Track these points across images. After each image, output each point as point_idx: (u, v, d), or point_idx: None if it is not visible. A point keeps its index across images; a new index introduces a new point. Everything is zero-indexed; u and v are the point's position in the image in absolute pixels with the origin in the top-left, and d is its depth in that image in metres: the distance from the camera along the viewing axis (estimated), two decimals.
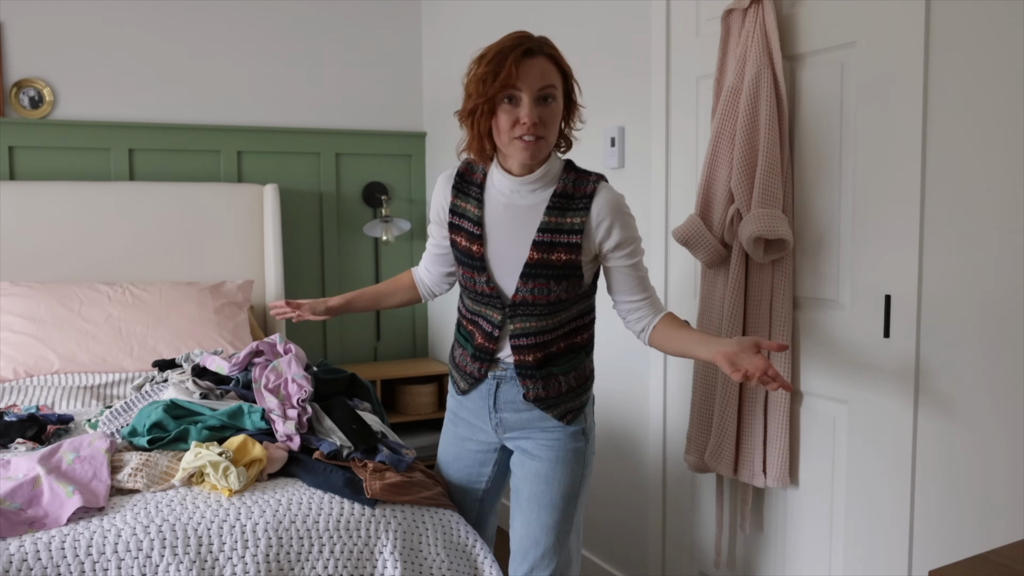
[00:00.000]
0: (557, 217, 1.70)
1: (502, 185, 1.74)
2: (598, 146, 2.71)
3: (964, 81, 1.64)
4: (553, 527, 1.78)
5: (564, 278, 1.71)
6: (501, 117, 1.62)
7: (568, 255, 1.69)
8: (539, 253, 1.70)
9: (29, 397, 2.54)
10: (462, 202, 1.79)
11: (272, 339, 2.35)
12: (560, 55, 1.67)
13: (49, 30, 3.28)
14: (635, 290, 1.77)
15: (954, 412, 1.70)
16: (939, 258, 1.71)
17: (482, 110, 1.62)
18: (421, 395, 3.70)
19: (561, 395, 1.79)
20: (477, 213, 1.76)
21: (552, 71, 1.62)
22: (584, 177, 1.73)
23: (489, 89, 1.59)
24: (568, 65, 1.69)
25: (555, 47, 1.66)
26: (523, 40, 1.61)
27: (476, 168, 1.79)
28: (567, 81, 1.69)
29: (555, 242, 1.69)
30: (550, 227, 1.70)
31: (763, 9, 1.94)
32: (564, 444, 1.79)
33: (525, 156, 1.64)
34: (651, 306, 1.78)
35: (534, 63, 1.59)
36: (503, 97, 1.61)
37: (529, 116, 1.59)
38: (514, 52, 1.58)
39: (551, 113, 1.63)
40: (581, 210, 1.69)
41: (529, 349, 1.75)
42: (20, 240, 3.11)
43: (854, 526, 1.93)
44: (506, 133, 1.63)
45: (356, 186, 3.86)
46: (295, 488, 1.81)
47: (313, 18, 3.72)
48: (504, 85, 1.58)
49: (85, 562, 1.56)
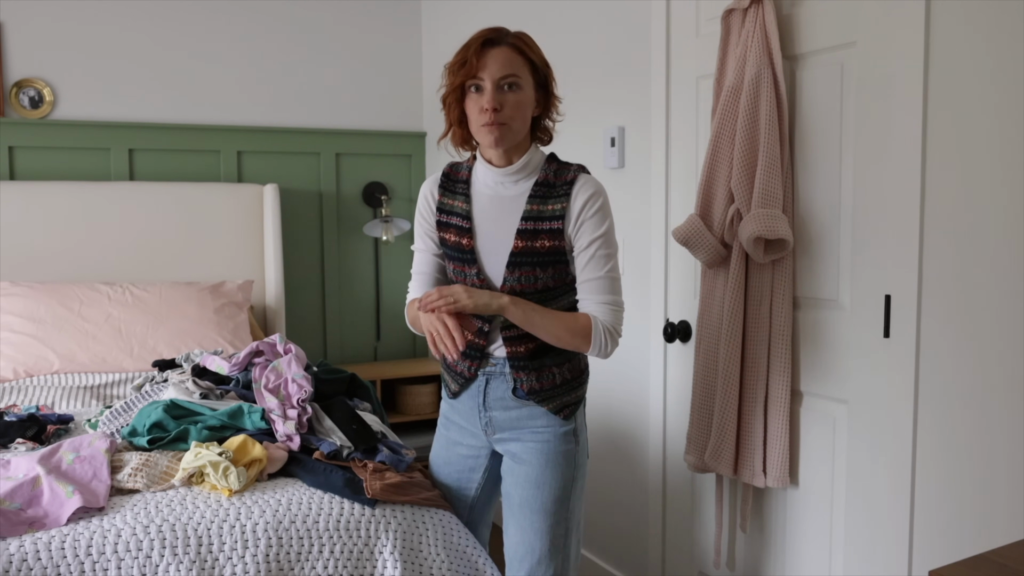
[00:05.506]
0: (539, 205, 1.73)
1: (486, 178, 1.78)
2: (598, 146, 2.71)
3: (964, 81, 1.64)
4: (547, 531, 1.78)
5: (550, 264, 1.73)
6: (469, 104, 1.70)
7: (551, 241, 1.72)
8: (523, 241, 1.72)
9: (29, 397, 2.54)
10: (449, 199, 1.82)
11: (272, 339, 2.35)
12: (528, 46, 1.70)
13: (49, 30, 3.28)
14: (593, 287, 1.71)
15: (954, 412, 1.70)
16: (939, 258, 1.71)
17: (452, 98, 1.71)
18: (421, 395, 3.70)
19: (556, 387, 1.79)
20: (465, 208, 1.79)
21: (516, 60, 1.68)
22: (565, 167, 1.77)
23: (455, 78, 1.69)
24: (542, 57, 1.72)
25: (524, 39, 1.71)
26: (489, 32, 1.69)
27: (461, 167, 1.84)
28: (538, 72, 1.72)
29: (538, 229, 1.72)
30: (532, 215, 1.72)
31: (763, 9, 1.94)
32: (554, 447, 1.79)
33: (491, 141, 1.69)
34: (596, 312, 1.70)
35: (496, 52, 1.67)
36: (470, 86, 1.69)
37: (489, 102, 1.65)
38: (475, 42, 1.67)
39: (515, 101, 1.68)
40: (562, 196, 1.72)
41: (521, 340, 1.76)
42: (20, 240, 3.11)
43: (854, 526, 1.93)
44: (475, 121, 1.70)
45: (356, 186, 3.86)
46: (295, 488, 1.81)
47: (313, 18, 3.72)
48: (467, 74, 1.67)
49: (85, 562, 1.56)
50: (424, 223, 1.87)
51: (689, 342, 2.38)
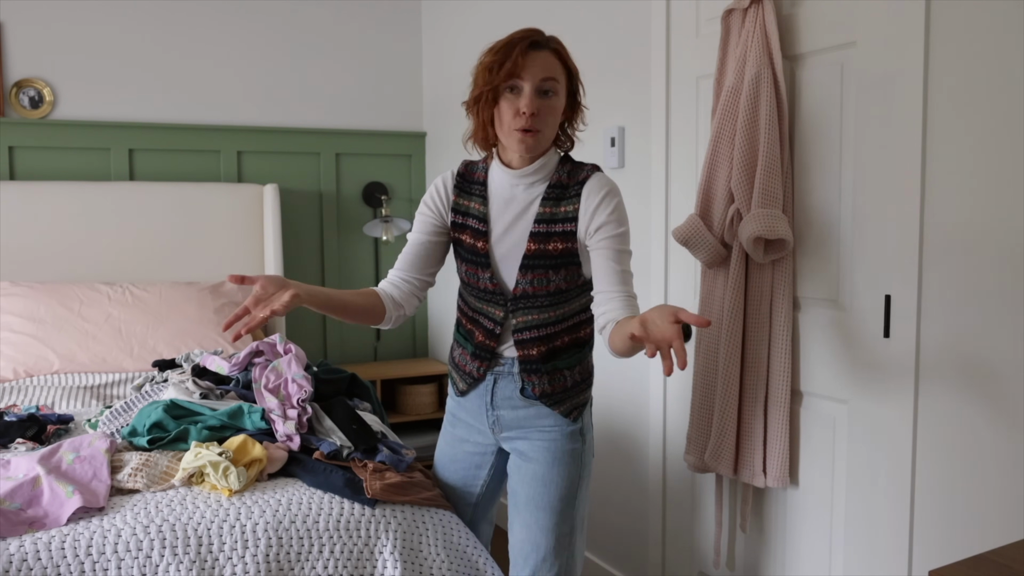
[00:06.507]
0: (552, 207, 1.71)
1: (502, 180, 1.76)
2: (598, 146, 2.71)
3: (964, 81, 1.64)
4: (552, 529, 1.78)
5: (562, 267, 1.72)
6: (503, 106, 1.65)
7: (564, 243, 1.71)
8: (536, 244, 1.71)
9: (29, 397, 2.54)
10: (465, 200, 1.80)
11: (272, 339, 2.35)
12: (566, 53, 1.70)
13: (49, 30, 3.28)
14: (608, 278, 1.66)
15: (954, 412, 1.70)
16: (939, 258, 1.71)
17: (487, 98, 1.66)
18: (421, 395, 3.70)
19: (567, 390, 1.79)
20: (482, 210, 1.77)
21: (556, 66, 1.66)
22: (579, 167, 1.75)
23: (495, 78, 1.63)
24: (574, 65, 1.72)
25: (563, 45, 1.70)
26: (531, 33, 1.66)
27: (476, 167, 1.82)
28: (572, 80, 1.71)
29: (551, 232, 1.71)
30: (545, 217, 1.71)
31: (763, 9, 1.94)
32: (561, 445, 1.79)
33: (522, 148, 1.67)
34: (621, 304, 1.64)
35: (539, 55, 1.64)
36: (507, 87, 1.64)
37: (528, 106, 1.62)
38: (521, 43, 1.63)
39: (550, 107, 1.66)
40: (574, 197, 1.71)
41: (533, 343, 1.76)
42: (20, 240, 3.11)
43: (854, 526, 1.93)
44: (507, 123, 1.66)
45: (356, 186, 3.86)
46: (295, 488, 1.81)
47: (314, 18, 3.72)
48: (509, 74, 1.62)
49: (85, 562, 1.56)
50: (428, 213, 1.81)
51: (689, 342, 2.38)
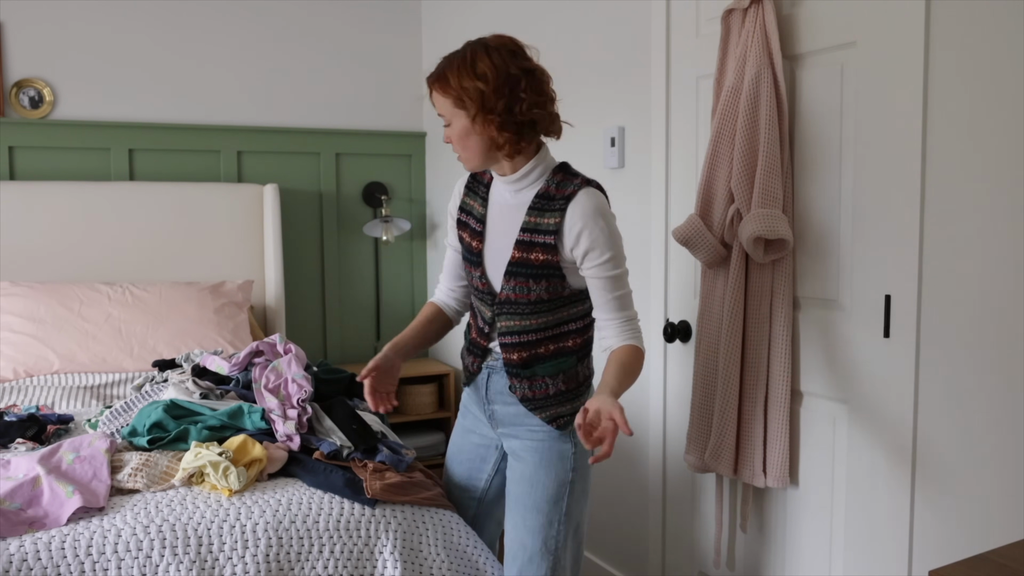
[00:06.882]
0: (536, 217, 1.72)
1: (498, 185, 1.81)
2: (598, 146, 2.71)
3: (964, 81, 1.64)
4: (538, 530, 1.78)
5: (543, 278, 1.72)
6: None
7: (545, 255, 1.71)
8: (520, 252, 1.73)
9: (29, 397, 2.54)
10: (470, 200, 1.86)
11: (272, 339, 2.35)
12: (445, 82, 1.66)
13: (49, 30, 3.28)
14: (603, 306, 1.72)
15: (954, 412, 1.70)
16: (939, 258, 1.71)
17: None
18: (421, 395, 3.71)
19: (548, 397, 1.79)
20: (481, 211, 1.82)
21: (440, 101, 1.71)
22: (569, 180, 1.72)
23: None
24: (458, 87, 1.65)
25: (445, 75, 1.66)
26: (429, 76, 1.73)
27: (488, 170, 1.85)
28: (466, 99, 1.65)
29: (533, 242, 1.72)
30: (530, 227, 1.72)
31: (763, 9, 1.94)
32: (549, 446, 1.79)
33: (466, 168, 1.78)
34: (616, 331, 1.71)
35: (433, 98, 1.73)
36: None
37: (445, 138, 1.74)
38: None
39: (455, 134, 1.72)
40: (557, 211, 1.69)
41: (514, 348, 1.77)
42: (20, 240, 3.11)
43: (854, 526, 1.93)
44: None
45: (356, 186, 3.86)
46: (295, 488, 1.81)
47: (313, 18, 3.72)
48: None
49: (85, 562, 1.56)
50: (450, 221, 1.94)
51: (689, 342, 2.38)
